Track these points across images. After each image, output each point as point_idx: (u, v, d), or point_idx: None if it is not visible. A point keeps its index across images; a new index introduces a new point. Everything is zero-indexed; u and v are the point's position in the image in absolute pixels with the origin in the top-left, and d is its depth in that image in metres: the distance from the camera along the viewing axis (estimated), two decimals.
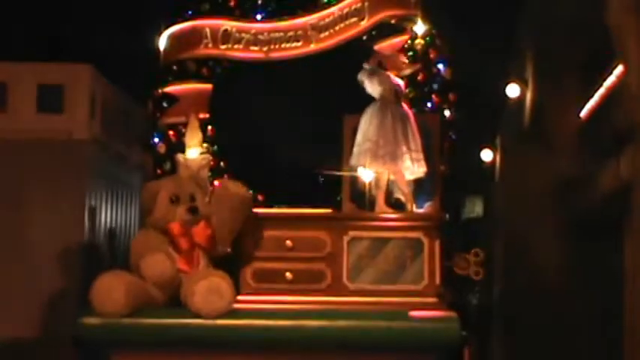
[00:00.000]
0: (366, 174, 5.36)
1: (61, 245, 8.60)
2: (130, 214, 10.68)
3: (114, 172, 10.19)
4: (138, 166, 9.31)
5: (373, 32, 5.76)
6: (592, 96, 6.32)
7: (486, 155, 12.57)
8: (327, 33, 5.79)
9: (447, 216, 5.30)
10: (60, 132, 9.32)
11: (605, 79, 5.90)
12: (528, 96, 9.70)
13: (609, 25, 5.22)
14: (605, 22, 5.24)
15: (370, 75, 5.41)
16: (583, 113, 6.68)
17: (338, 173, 5.48)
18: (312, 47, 5.81)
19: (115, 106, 10.10)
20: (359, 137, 5.36)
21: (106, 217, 10.02)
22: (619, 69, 5.47)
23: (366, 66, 5.44)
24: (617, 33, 5.14)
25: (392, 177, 5.38)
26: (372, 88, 5.42)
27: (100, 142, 9.74)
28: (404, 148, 5.29)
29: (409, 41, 5.74)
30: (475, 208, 14.74)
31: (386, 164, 5.27)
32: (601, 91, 6.07)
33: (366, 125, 5.34)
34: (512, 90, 9.81)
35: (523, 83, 9.76)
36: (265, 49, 5.81)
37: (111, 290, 4.40)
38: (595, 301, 6.52)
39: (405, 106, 5.45)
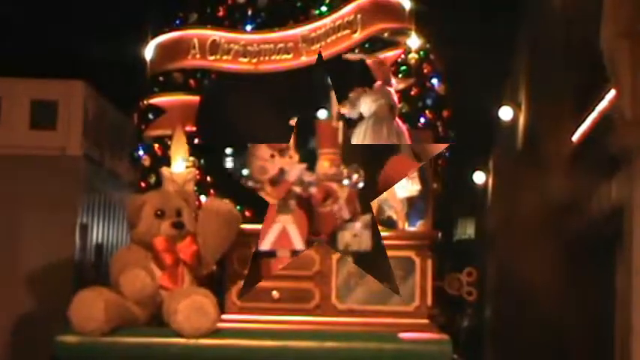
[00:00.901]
0: None
1: (51, 262, 8.52)
2: (121, 231, 10.61)
3: (106, 189, 10.14)
4: (130, 182, 9.27)
5: (366, 45, 5.67)
6: (585, 120, 6.30)
7: (479, 177, 12.56)
8: (318, 45, 5.67)
9: (440, 235, 5.19)
10: (53, 148, 9.28)
11: (597, 103, 5.88)
12: (521, 119, 9.70)
13: (602, 50, 5.22)
14: (598, 47, 5.24)
15: (359, 97, 5.30)
16: (575, 137, 6.66)
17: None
18: (303, 59, 5.69)
19: (107, 122, 10.07)
20: None
21: (97, 233, 9.94)
22: (611, 93, 5.45)
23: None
24: (610, 58, 5.14)
25: (383, 194, 5.29)
26: (367, 106, 5.31)
27: (92, 159, 9.70)
28: None
29: (403, 55, 5.64)
30: (467, 229, 14.74)
31: None
32: (593, 115, 6.05)
33: (360, 139, 5.24)
34: (505, 113, 9.83)
35: (517, 106, 9.76)
36: (255, 60, 5.69)
37: (90, 307, 4.31)
38: (587, 322, 6.45)
39: (399, 121, 5.37)
